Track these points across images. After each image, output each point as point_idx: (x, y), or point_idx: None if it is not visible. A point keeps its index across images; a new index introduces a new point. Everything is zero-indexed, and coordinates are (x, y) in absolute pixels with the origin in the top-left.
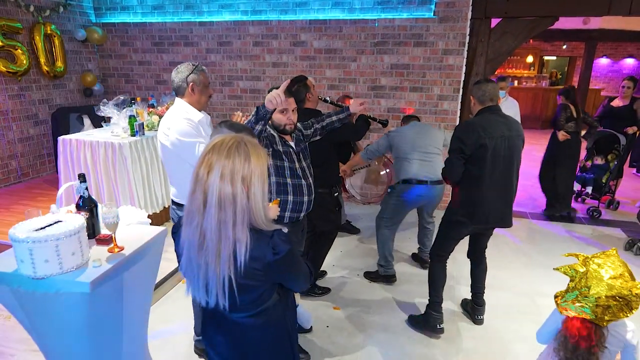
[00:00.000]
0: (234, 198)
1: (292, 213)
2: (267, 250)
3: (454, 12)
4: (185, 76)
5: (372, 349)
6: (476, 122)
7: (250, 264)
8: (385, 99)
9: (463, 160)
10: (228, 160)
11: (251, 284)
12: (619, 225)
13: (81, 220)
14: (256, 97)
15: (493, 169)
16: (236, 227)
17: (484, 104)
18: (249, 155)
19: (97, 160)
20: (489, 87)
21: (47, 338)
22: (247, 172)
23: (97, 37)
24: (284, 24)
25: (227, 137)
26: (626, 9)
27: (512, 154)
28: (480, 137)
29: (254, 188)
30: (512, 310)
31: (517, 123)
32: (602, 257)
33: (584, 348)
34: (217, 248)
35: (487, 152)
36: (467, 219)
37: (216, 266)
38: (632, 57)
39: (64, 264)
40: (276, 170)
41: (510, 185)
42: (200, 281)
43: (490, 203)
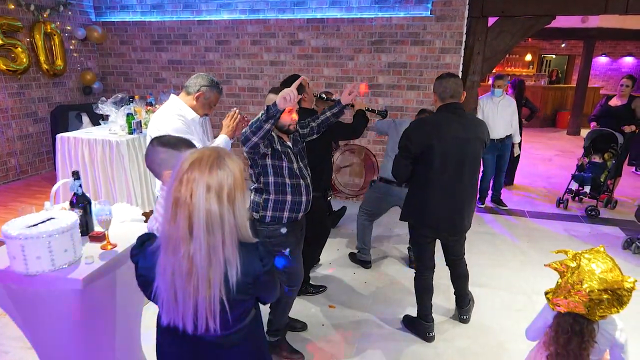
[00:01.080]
0: (221, 219)
1: (291, 213)
2: (256, 263)
3: (451, 10)
4: (202, 84)
5: (368, 347)
6: (428, 120)
7: (243, 279)
8: (382, 98)
9: (409, 160)
10: (212, 178)
11: (242, 298)
12: (617, 224)
13: (74, 217)
14: (254, 95)
15: (442, 172)
16: (226, 249)
17: (444, 101)
18: (230, 168)
19: (95, 157)
20: (450, 82)
21: (40, 335)
22: (231, 187)
23: (96, 35)
24: (282, 23)
25: (204, 151)
26: (622, 7)
27: (465, 157)
28: (429, 137)
29: (238, 203)
30: (508, 309)
31: (479, 124)
32: (591, 253)
33: (575, 343)
34: (207, 274)
35: (434, 154)
36: (416, 223)
37: (207, 291)
38: (631, 56)
39: (56, 260)
40: (274, 170)
41: (462, 189)
42: (189, 309)
43: (439, 209)
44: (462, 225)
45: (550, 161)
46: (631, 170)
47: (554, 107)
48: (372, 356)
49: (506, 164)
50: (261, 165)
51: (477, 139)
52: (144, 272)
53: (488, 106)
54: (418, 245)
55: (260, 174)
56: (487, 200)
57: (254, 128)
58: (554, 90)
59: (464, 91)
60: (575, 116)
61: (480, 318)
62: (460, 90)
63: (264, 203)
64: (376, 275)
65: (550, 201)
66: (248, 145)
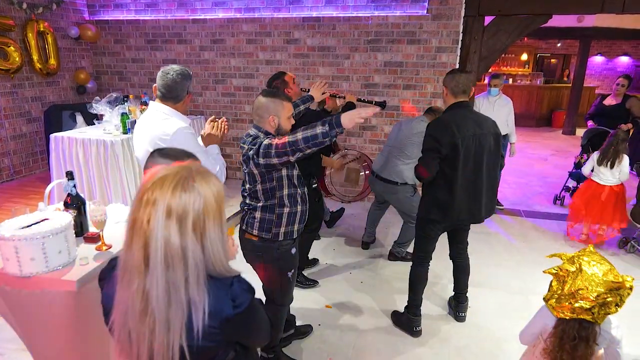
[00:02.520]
0: (184, 252)
1: (299, 225)
2: (225, 303)
3: (447, 9)
4: (186, 86)
5: (364, 347)
6: (449, 120)
7: (208, 321)
8: (378, 97)
9: (439, 160)
10: (174, 200)
11: (208, 345)
12: None
13: (68, 218)
14: (249, 94)
15: (464, 168)
16: (190, 289)
17: (456, 97)
18: (199, 191)
19: (89, 157)
20: (463, 77)
21: (34, 336)
22: (199, 214)
23: (90, 34)
24: (277, 22)
25: (171, 168)
26: (619, 6)
27: (483, 152)
28: (454, 136)
29: (209, 233)
30: (505, 309)
31: (488, 120)
32: (587, 255)
33: (583, 349)
34: (165, 316)
35: (459, 152)
36: (439, 217)
37: (164, 337)
38: (626, 55)
39: (50, 262)
40: (289, 181)
41: (480, 182)
42: (144, 353)
43: (461, 201)
44: (481, 215)
45: (545, 161)
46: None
47: (549, 107)
48: (369, 356)
49: (503, 163)
50: (277, 179)
51: (490, 134)
52: (105, 302)
53: (484, 105)
54: (428, 238)
55: (274, 188)
56: None
57: (311, 144)
58: (549, 89)
59: (473, 87)
60: (571, 116)
61: (477, 318)
62: (471, 86)
63: (278, 219)
64: (372, 274)
65: (546, 200)
66: (297, 156)
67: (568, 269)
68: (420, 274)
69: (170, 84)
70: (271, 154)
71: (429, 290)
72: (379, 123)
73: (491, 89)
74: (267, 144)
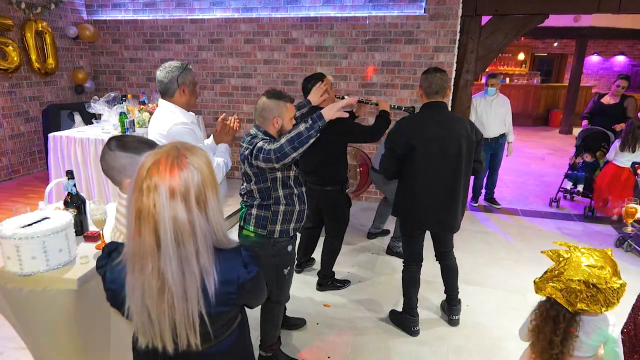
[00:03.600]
0: (192, 226)
1: (296, 223)
2: (239, 270)
3: (445, 9)
4: (176, 77)
5: (362, 346)
6: (408, 121)
7: (223, 288)
8: (376, 96)
9: (394, 160)
10: (174, 180)
11: (225, 310)
12: (610, 222)
13: (68, 217)
14: (247, 94)
15: (425, 171)
16: (200, 259)
17: (429, 96)
18: (195, 165)
19: (88, 157)
20: (437, 77)
21: (34, 335)
22: (199, 187)
23: (88, 34)
24: (275, 21)
25: (161, 151)
26: (615, 6)
27: (447, 156)
28: (410, 138)
29: (210, 203)
30: (503, 307)
31: (460, 122)
32: (591, 250)
33: (549, 328)
34: (182, 288)
35: (416, 154)
36: (405, 219)
37: (184, 307)
38: (622, 55)
39: (51, 260)
40: (284, 182)
41: (447, 187)
42: (166, 328)
43: (423, 205)
44: (450, 222)
45: (542, 160)
46: None
47: (546, 106)
48: (367, 355)
49: (500, 163)
50: (271, 180)
51: (460, 137)
52: (112, 287)
53: (481, 105)
54: (406, 238)
55: (269, 189)
56: (481, 199)
57: (297, 144)
58: (546, 89)
59: (449, 87)
60: (568, 115)
61: (475, 316)
62: (446, 86)
63: (273, 216)
64: (371, 273)
65: (543, 200)
66: (284, 162)
67: (562, 254)
68: (409, 278)
69: (160, 79)
70: (260, 158)
71: (427, 289)
72: None
73: (488, 88)
74: (259, 147)
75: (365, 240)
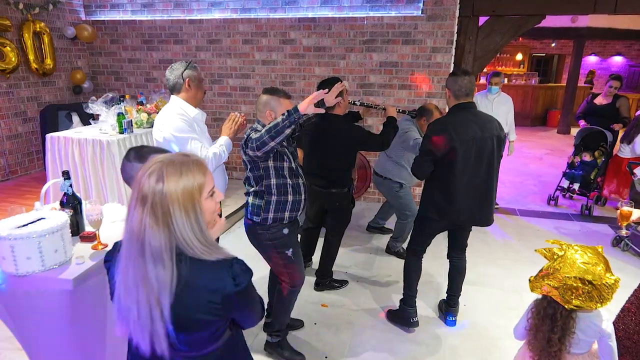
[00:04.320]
0: (142, 234)
1: (291, 213)
2: (226, 281)
3: (442, 10)
4: (181, 73)
5: (359, 345)
6: (449, 123)
7: (207, 296)
8: (374, 97)
9: (432, 162)
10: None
11: (207, 318)
12: (606, 221)
13: (64, 218)
14: (246, 94)
15: (463, 171)
16: (155, 267)
17: (459, 99)
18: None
19: (85, 157)
20: (466, 80)
21: (30, 335)
22: (163, 202)
23: (86, 34)
24: (274, 22)
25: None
26: (611, 7)
27: (483, 155)
28: (452, 140)
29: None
30: (500, 307)
31: (492, 121)
32: (584, 247)
33: (547, 327)
34: (143, 289)
35: (457, 155)
36: (437, 217)
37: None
38: (620, 55)
39: (47, 261)
40: (276, 172)
41: (483, 185)
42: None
43: (460, 203)
44: (487, 216)
45: (540, 160)
46: None
47: (544, 106)
48: (364, 354)
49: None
50: (263, 168)
51: (493, 137)
52: (112, 281)
53: (482, 103)
54: (424, 235)
55: (262, 177)
56: None
57: (273, 133)
58: (544, 89)
59: (475, 88)
60: (566, 115)
61: (472, 316)
62: (474, 88)
63: (266, 205)
64: (369, 273)
65: (541, 199)
66: (264, 150)
67: (556, 252)
68: (413, 266)
69: (168, 76)
70: (248, 146)
71: (424, 289)
72: (374, 123)
73: (491, 87)
74: (249, 137)
75: (364, 240)
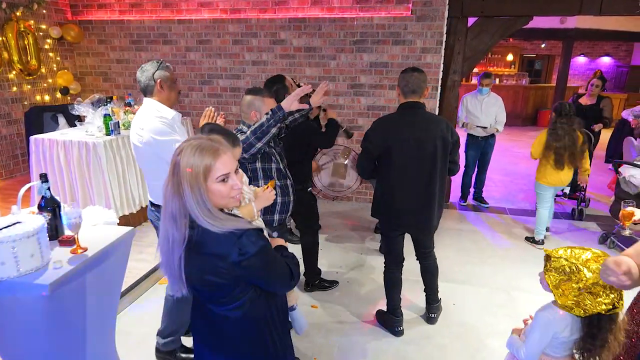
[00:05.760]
0: (165, 198)
1: (280, 215)
2: (232, 250)
3: (431, 10)
4: (152, 74)
5: (349, 346)
6: (385, 121)
7: (212, 261)
8: (365, 97)
9: (369, 159)
10: (174, 160)
11: (217, 280)
12: (593, 219)
13: (41, 221)
14: (236, 95)
15: (401, 172)
16: (174, 225)
17: (405, 96)
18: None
19: (71, 160)
20: (414, 77)
21: (5, 343)
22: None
23: (73, 34)
24: (263, 22)
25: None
26: (596, 9)
27: (424, 157)
28: (386, 139)
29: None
30: (488, 305)
31: (438, 123)
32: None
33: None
34: (164, 241)
35: (393, 154)
36: (383, 219)
37: (167, 257)
38: (608, 56)
39: (22, 266)
40: (264, 173)
41: (423, 187)
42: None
43: (401, 206)
44: (426, 224)
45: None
46: (608, 167)
47: (535, 106)
48: (353, 355)
49: (489, 162)
50: (251, 170)
51: (435, 138)
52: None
53: (472, 103)
54: (386, 239)
55: (250, 179)
56: (469, 198)
57: (259, 134)
58: (534, 89)
59: (427, 87)
60: None
61: (461, 314)
62: (423, 86)
63: None
64: (359, 274)
65: (531, 198)
66: (251, 152)
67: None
68: (389, 278)
69: (139, 79)
70: (245, 150)
71: (413, 288)
72: (365, 123)
73: (482, 88)
74: None
75: (354, 240)
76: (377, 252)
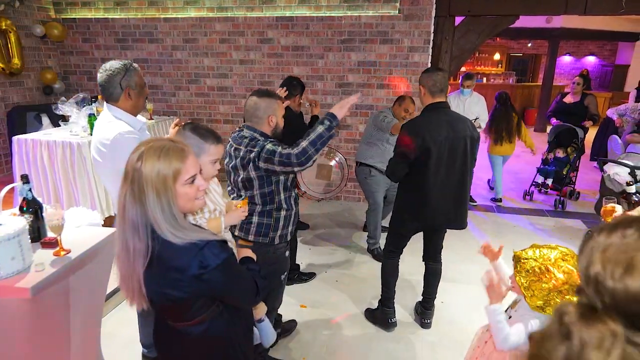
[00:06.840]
0: (123, 208)
1: (293, 226)
2: (192, 263)
3: (419, 9)
4: (118, 80)
5: (338, 346)
6: (423, 124)
7: (170, 274)
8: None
9: (406, 165)
10: (128, 165)
11: (174, 293)
12: (579, 217)
13: (22, 223)
14: (224, 94)
15: (437, 172)
16: (134, 237)
17: (434, 96)
18: (144, 164)
19: (55, 160)
20: (440, 76)
21: None
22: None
23: (56, 33)
24: (251, 21)
25: (146, 142)
26: (581, 8)
27: (456, 156)
28: (425, 142)
29: (149, 199)
30: (477, 303)
31: (464, 121)
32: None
33: None
34: (124, 253)
35: (431, 157)
36: (412, 219)
37: (126, 271)
38: (593, 55)
39: (3, 269)
40: (285, 185)
41: (456, 185)
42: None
43: (434, 205)
44: (460, 218)
45: (518, 157)
46: (593, 165)
47: (521, 105)
48: (342, 355)
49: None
50: (275, 182)
51: (466, 137)
52: None
53: (455, 103)
54: (400, 236)
55: (273, 192)
56: None
57: (319, 145)
58: (521, 88)
59: (448, 86)
60: (542, 113)
61: (450, 312)
62: (448, 85)
63: (276, 223)
64: (347, 273)
65: (518, 195)
66: (307, 165)
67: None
68: (389, 268)
69: (101, 82)
70: (274, 161)
71: (402, 288)
72: (353, 122)
73: (464, 89)
74: (270, 150)
75: (342, 240)
76: (365, 250)
